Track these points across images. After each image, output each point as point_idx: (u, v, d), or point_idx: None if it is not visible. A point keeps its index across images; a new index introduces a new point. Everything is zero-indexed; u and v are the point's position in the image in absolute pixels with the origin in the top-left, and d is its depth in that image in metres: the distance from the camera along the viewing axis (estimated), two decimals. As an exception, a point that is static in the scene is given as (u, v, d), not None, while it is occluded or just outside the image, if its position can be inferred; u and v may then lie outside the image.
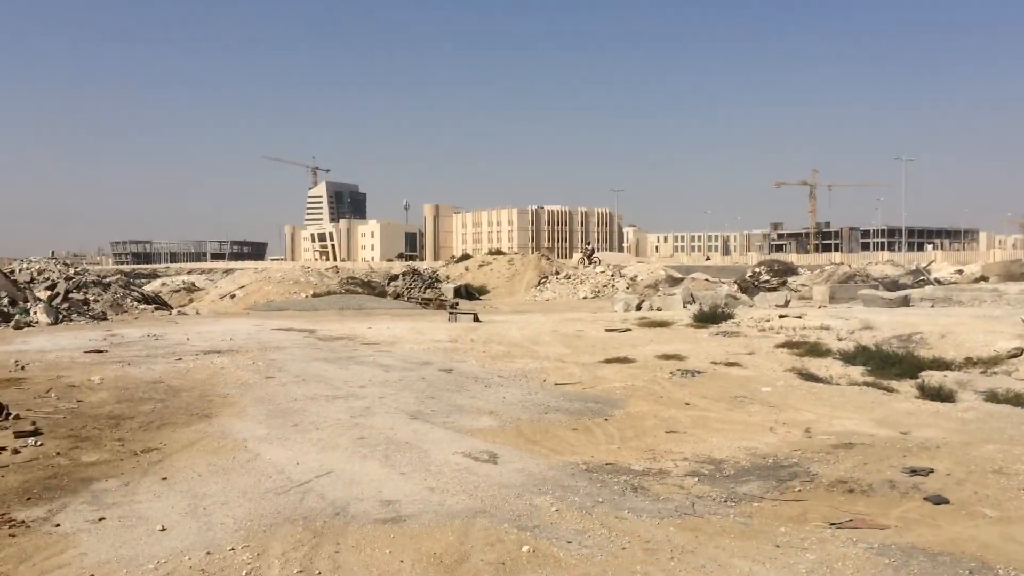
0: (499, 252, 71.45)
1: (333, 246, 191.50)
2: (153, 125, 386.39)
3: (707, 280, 44.55)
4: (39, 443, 8.26)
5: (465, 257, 67.75)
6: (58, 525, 5.89)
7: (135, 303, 29.36)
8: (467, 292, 40.82)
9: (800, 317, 19.25)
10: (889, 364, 12.64)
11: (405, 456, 7.81)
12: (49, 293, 26.68)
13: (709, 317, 20.45)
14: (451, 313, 25.63)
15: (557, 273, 48.14)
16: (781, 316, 19.69)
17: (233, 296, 36.28)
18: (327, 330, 21.12)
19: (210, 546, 5.46)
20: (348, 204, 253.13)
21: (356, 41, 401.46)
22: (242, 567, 5.13)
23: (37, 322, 23.15)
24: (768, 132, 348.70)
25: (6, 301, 24.60)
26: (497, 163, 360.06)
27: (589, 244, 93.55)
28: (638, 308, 28.09)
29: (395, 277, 42.13)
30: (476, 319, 23.96)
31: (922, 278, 39.12)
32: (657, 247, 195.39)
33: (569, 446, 8.30)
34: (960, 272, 46.48)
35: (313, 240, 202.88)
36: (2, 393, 10.90)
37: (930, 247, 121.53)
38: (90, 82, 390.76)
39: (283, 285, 36.92)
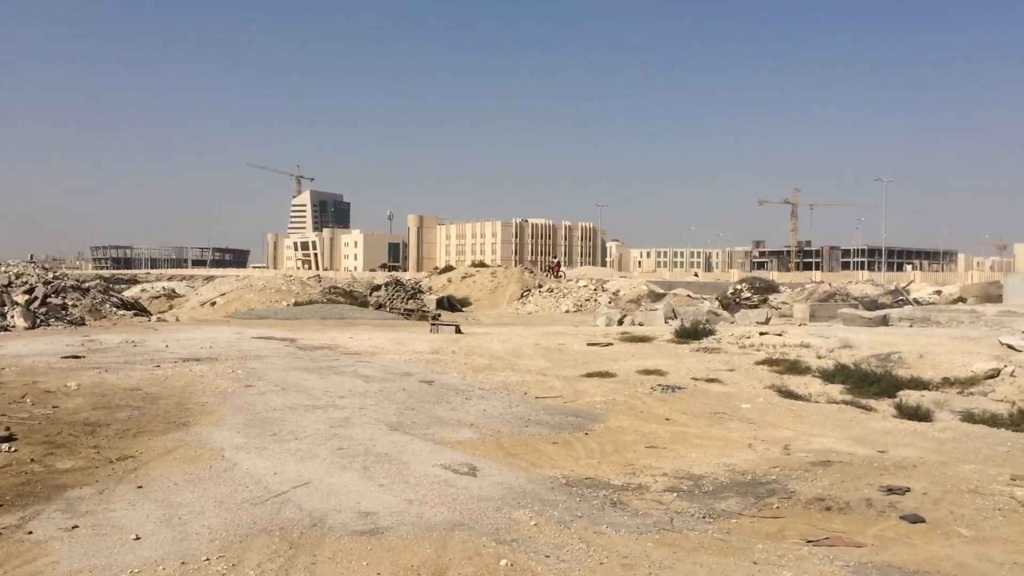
0: (482, 264, 71.42)
1: (316, 255, 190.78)
2: (136, 129, 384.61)
3: (689, 296, 44.79)
4: (13, 449, 8.15)
5: (448, 269, 67.74)
6: (30, 532, 5.80)
7: (114, 309, 29.07)
8: (450, 304, 40.73)
9: (780, 334, 19.36)
10: (867, 383, 12.74)
11: (384, 467, 7.77)
12: (27, 297, 26.38)
13: (690, 333, 20.52)
14: (433, 324, 25.57)
15: (540, 286, 48.20)
16: (762, 333, 19.79)
17: (214, 303, 36.01)
18: (308, 339, 21.01)
19: (184, 556, 5.40)
20: (332, 213, 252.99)
21: (343, 51, 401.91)
22: (217, 578, 5.07)
23: (14, 326, 22.88)
24: (751, 151, 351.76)
25: (-18, 304, 24.30)
26: (482, 176, 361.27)
27: (555, 258, 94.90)
28: (620, 323, 28.16)
29: (378, 287, 42.00)
30: (458, 331, 23.93)
31: (901, 298, 39.47)
32: (640, 262, 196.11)
33: (549, 460, 8.29)
34: (939, 293, 46.96)
35: (296, 249, 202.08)
36: (-24, 398, 10.75)
37: (909, 267, 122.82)
38: (72, 85, 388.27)
39: (264, 293, 36.70)
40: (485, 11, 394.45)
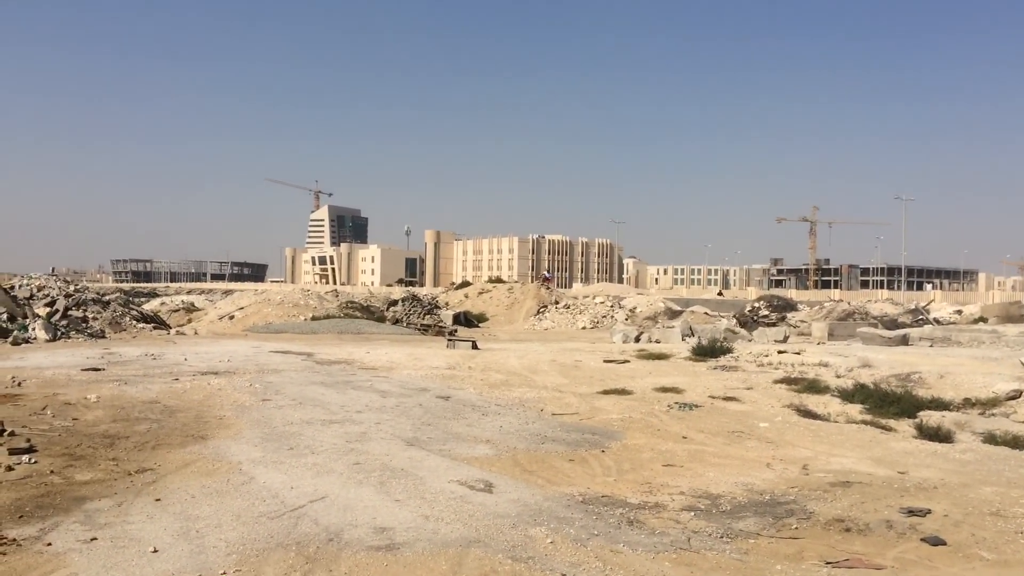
0: (499, 280, 71.59)
1: (333, 270, 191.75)
2: (156, 144, 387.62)
3: (706, 313, 44.62)
4: (33, 460, 8.23)
5: (465, 284, 67.85)
6: (50, 544, 5.85)
7: (134, 322, 29.33)
8: (466, 319, 40.83)
9: (799, 353, 19.26)
10: (887, 403, 12.62)
11: (400, 483, 7.77)
12: (48, 310, 26.67)
13: (708, 351, 20.44)
14: (450, 340, 25.61)
15: (556, 302, 48.18)
16: (780, 352, 19.69)
17: (232, 317, 36.24)
18: (325, 354, 21.09)
19: (202, 569, 5.42)
20: (349, 228, 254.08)
21: (362, 67, 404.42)
22: (233, 591, 5.08)
23: (35, 338, 23.12)
24: (769, 168, 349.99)
25: (5, 317, 24.59)
26: (499, 191, 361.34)
27: (548, 272, 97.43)
28: (637, 340, 28.09)
29: (394, 302, 42.15)
30: (475, 347, 23.95)
31: (921, 317, 39.16)
32: (657, 279, 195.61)
33: (565, 477, 8.26)
34: (959, 312, 46.53)
35: (313, 263, 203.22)
36: (-2, 409, 10.87)
37: (929, 286, 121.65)
38: (94, 99, 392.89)
39: (282, 307, 36.92)
40: (503, 28, 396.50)
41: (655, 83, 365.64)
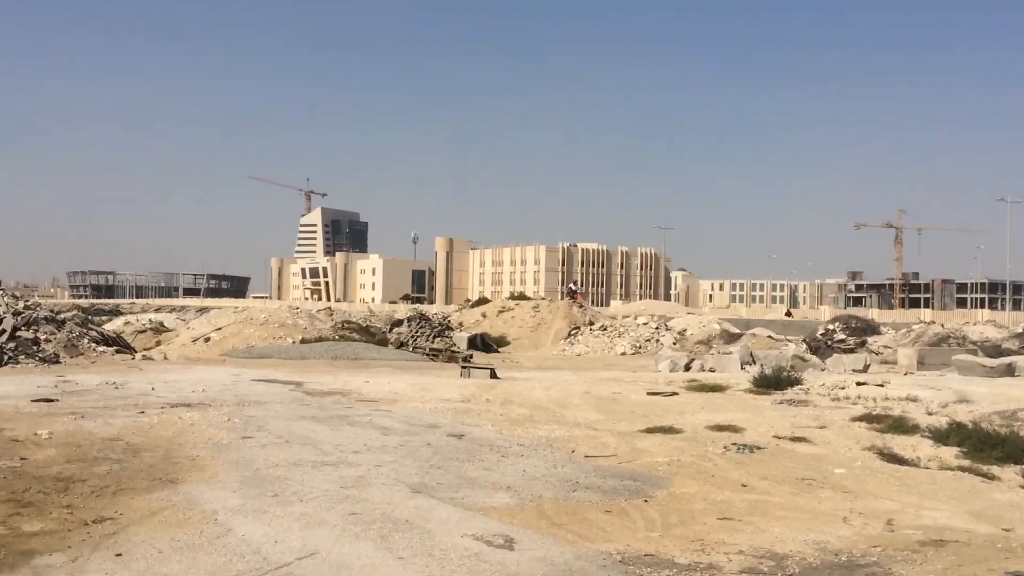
0: (523, 297, 71.60)
1: (327, 283, 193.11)
2: (118, 137, 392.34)
3: (770, 337, 44.38)
4: (-26, 507, 8.32)
5: (482, 301, 68.01)
6: (-8, 606, 5.91)
7: (93, 344, 29.63)
8: (484, 343, 40.92)
9: (882, 385, 19.10)
10: (989, 446, 12.47)
11: (404, 537, 7.78)
12: (-6, 330, 26.99)
13: (772, 382, 20.33)
14: (464, 367, 25.65)
15: (591, 324, 48.13)
16: (859, 383, 19.54)
17: (208, 339, 36.56)
18: (317, 383, 21.19)
19: (169, 638, 5.44)
20: (346, 235, 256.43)
21: (359, 46, 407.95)
22: (206, 664, 5.10)
23: (-22, 363, 23.39)
24: (846, 165, 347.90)
25: (-56, 338, 24.92)
26: (523, 192, 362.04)
27: (576, 284, 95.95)
28: (687, 368, 28.01)
29: (399, 323, 42.32)
30: (493, 375, 23.96)
31: (1030, 343, 38.69)
32: (711, 296, 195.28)
33: (601, 531, 8.24)
34: (1076, 337, 45.92)
35: (304, 276, 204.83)
36: (-66, 446, 11.01)
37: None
38: (41, 87, 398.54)
39: (267, 328, 37.17)
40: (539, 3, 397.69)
41: (707, 68, 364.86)
